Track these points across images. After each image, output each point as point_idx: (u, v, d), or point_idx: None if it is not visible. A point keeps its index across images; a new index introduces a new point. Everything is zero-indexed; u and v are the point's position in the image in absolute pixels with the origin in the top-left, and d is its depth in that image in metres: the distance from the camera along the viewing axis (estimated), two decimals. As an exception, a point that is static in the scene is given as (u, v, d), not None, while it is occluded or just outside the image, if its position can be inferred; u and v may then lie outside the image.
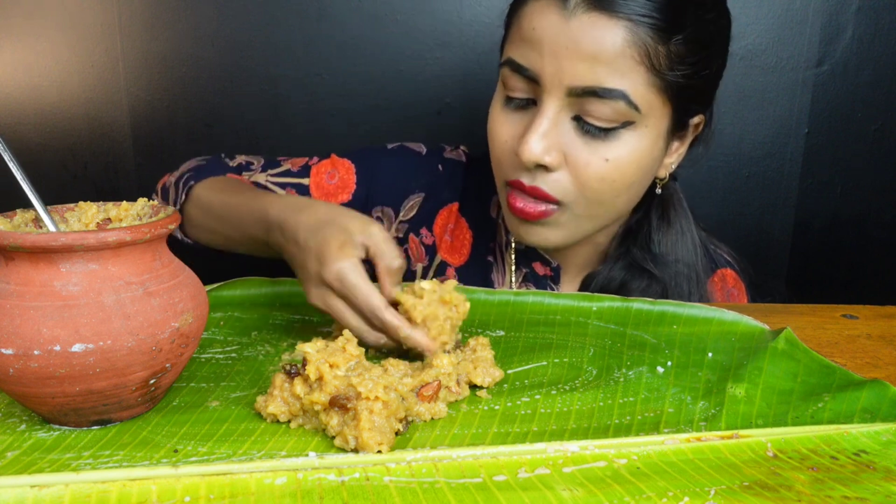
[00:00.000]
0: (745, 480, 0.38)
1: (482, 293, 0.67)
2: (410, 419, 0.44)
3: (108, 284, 0.40)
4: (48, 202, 0.45)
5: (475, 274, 0.82)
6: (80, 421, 0.42)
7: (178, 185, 0.76)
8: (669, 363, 0.53)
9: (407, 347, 0.53)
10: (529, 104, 0.67)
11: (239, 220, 0.67)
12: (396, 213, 0.84)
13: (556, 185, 0.66)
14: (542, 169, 0.65)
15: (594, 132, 0.64)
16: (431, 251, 0.84)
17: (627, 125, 0.63)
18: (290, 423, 0.43)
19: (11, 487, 0.36)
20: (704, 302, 0.71)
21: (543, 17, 0.62)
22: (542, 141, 0.64)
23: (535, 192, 0.66)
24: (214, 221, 0.72)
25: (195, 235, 0.76)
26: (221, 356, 0.54)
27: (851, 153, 1.24)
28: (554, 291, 0.75)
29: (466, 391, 0.48)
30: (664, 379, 0.51)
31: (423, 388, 0.45)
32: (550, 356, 0.54)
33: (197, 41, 1.16)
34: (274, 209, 0.61)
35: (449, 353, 0.49)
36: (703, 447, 0.42)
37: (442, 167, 0.85)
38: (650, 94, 0.63)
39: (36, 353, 0.38)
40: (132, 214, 0.46)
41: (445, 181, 0.85)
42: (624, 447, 0.41)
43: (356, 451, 0.40)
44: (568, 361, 0.53)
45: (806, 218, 1.28)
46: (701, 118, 0.71)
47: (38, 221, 0.45)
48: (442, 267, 0.83)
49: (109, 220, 0.46)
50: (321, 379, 0.42)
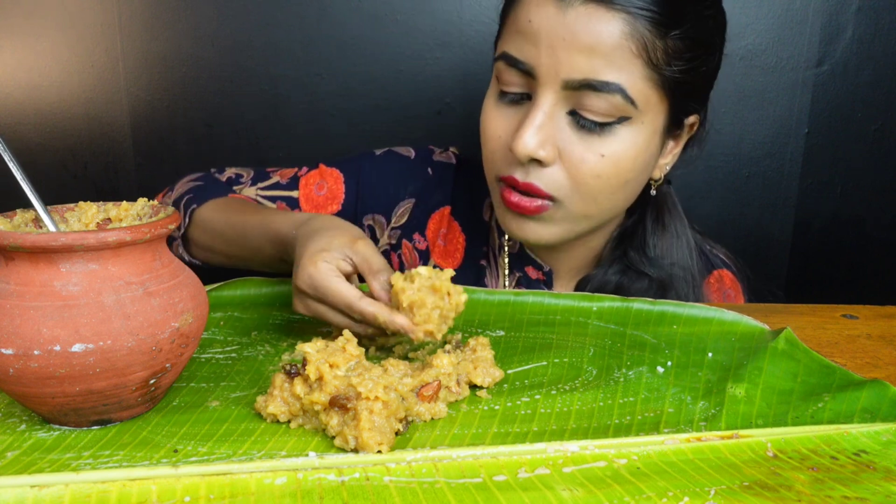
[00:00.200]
0: (745, 480, 0.38)
1: (482, 293, 0.67)
2: (410, 419, 0.44)
3: (108, 284, 0.40)
4: (48, 202, 0.45)
5: (468, 278, 0.81)
6: (80, 421, 0.42)
7: (177, 207, 0.76)
8: (669, 363, 0.53)
9: (391, 332, 0.53)
10: (524, 99, 0.66)
11: (250, 241, 0.68)
12: (388, 219, 0.83)
13: (550, 180, 0.65)
14: (535, 164, 0.65)
15: (590, 127, 0.63)
16: (425, 256, 0.83)
17: (624, 121, 0.63)
18: (290, 423, 0.43)
19: (11, 487, 0.36)
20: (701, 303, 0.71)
21: (540, 8, 0.62)
22: (536, 134, 0.63)
23: (528, 188, 0.65)
24: (223, 244, 0.72)
25: (202, 256, 0.76)
26: (221, 356, 0.54)
27: (851, 153, 1.24)
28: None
29: (466, 391, 0.48)
30: (664, 379, 0.51)
31: (423, 388, 0.45)
32: (550, 356, 0.54)
33: (197, 41, 1.16)
34: (283, 228, 0.63)
35: (448, 353, 0.49)
36: (703, 447, 0.42)
37: (432, 171, 0.85)
38: (647, 88, 0.62)
39: (36, 353, 0.38)
40: (132, 214, 0.46)
41: (436, 185, 0.84)
42: (624, 447, 0.42)
43: (356, 451, 0.40)
44: (568, 361, 0.53)
45: (806, 218, 1.28)
46: (696, 118, 0.70)
47: (38, 221, 0.45)
48: None
49: (109, 220, 0.46)
50: (321, 379, 0.42)
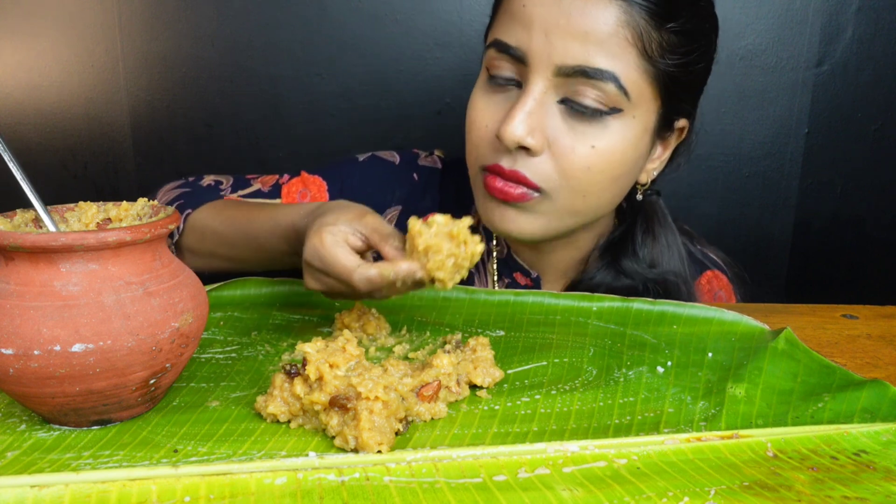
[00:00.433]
0: (745, 480, 0.38)
1: (482, 293, 0.66)
2: (410, 419, 0.44)
3: (108, 284, 0.40)
4: (48, 202, 0.45)
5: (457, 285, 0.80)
6: (80, 421, 0.42)
7: None
8: (669, 363, 0.53)
9: (402, 282, 0.53)
10: (513, 88, 0.64)
11: (257, 239, 0.67)
12: None
13: (537, 170, 0.63)
14: (523, 153, 0.63)
15: (581, 116, 0.61)
16: None
17: (616, 112, 0.62)
18: (290, 423, 0.43)
19: (11, 487, 0.36)
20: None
21: None
22: (526, 121, 0.61)
23: (514, 176, 0.63)
24: (225, 246, 0.71)
25: (196, 265, 0.74)
26: (221, 356, 0.54)
27: (851, 153, 1.24)
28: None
29: (466, 391, 0.48)
30: (664, 379, 0.51)
31: (423, 388, 0.45)
32: (550, 356, 0.54)
33: (197, 41, 1.16)
34: (295, 219, 0.63)
35: (448, 353, 0.49)
36: (703, 447, 0.42)
37: (417, 176, 0.83)
38: (641, 81, 0.62)
39: (36, 353, 0.38)
40: (132, 214, 0.46)
41: (422, 190, 0.82)
42: (624, 447, 0.41)
43: (356, 451, 0.40)
44: (568, 361, 0.53)
45: (806, 218, 1.28)
46: (685, 123, 0.70)
47: (38, 221, 0.45)
48: None
49: (109, 220, 0.46)
50: (321, 379, 0.42)
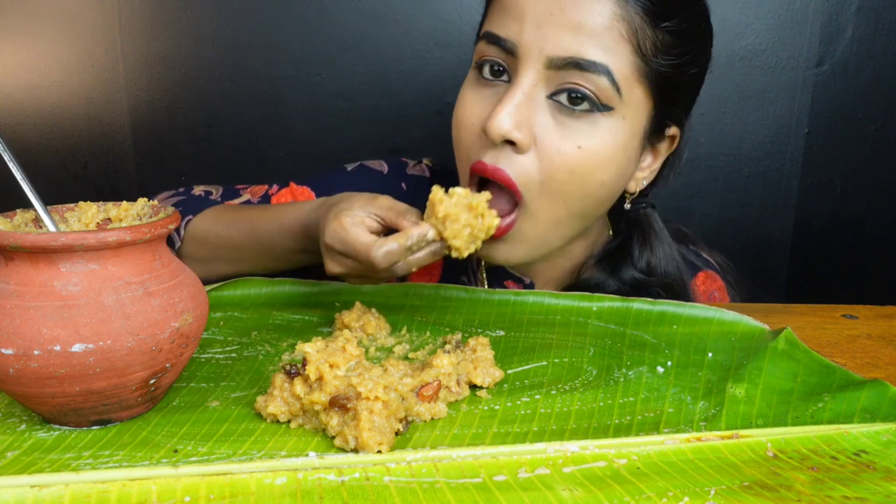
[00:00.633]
0: (745, 480, 0.38)
1: (482, 293, 0.67)
2: (410, 419, 0.44)
3: (108, 284, 0.40)
4: (48, 202, 0.45)
5: None
6: (80, 421, 0.42)
7: None
8: (669, 363, 0.53)
9: (417, 246, 0.56)
10: (502, 84, 0.63)
11: (262, 240, 0.67)
12: None
13: (521, 169, 0.61)
14: (509, 149, 0.61)
15: (570, 112, 0.60)
16: (401, 280, 0.80)
17: (606, 110, 0.60)
18: (290, 423, 0.43)
19: (11, 487, 0.36)
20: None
21: None
22: (514, 114, 0.59)
23: (496, 175, 0.61)
24: (229, 251, 0.70)
25: (195, 271, 0.73)
26: (221, 356, 0.54)
27: (851, 153, 1.24)
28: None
29: (466, 391, 0.48)
30: (664, 379, 0.51)
31: (423, 388, 0.45)
32: (550, 356, 0.54)
33: (197, 41, 1.16)
34: (302, 216, 0.64)
35: (448, 353, 0.49)
36: (703, 447, 0.42)
37: (406, 185, 0.82)
38: (633, 78, 0.60)
39: (36, 353, 0.38)
40: (132, 214, 0.46)
41: (410, 200, 0.80)
42: (624, 447, 0.41)
43: (356, 451, 0.40)
44: (568, 361, 0.53)
45: (806, 218, 1.28)
46: (676, 131, 0.68)
47: (38, 221, 0.45)
48: None
49: (109, 220, 0.46)
50: (321, 379, 0.42)
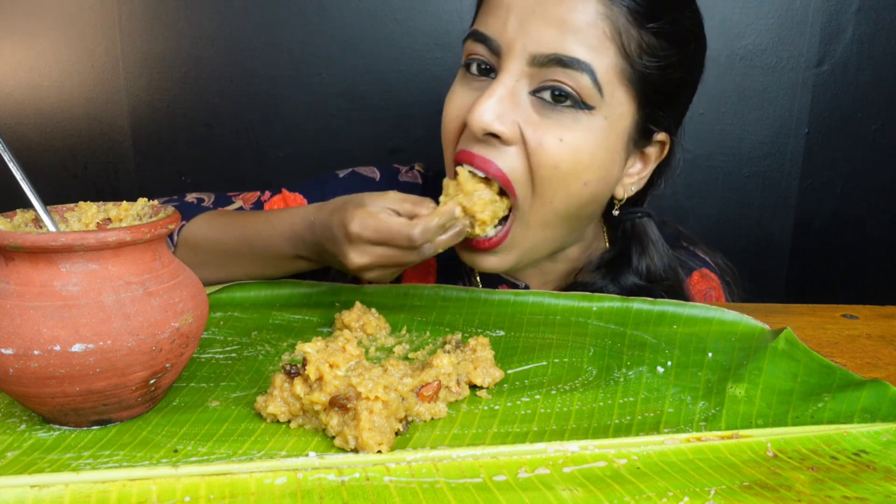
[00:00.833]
0: (745, 480, 0.38)
1: (482, 293, 0.67)
2: (410, 419, 0.44)
3: (108, 284, 0.40)
4: (48, 202, 0.45)
5: None
6: (80, 421, 0.42)
7: None
8: (669, 363, 0.53)
9: (448, 229, 0.59)
10: (488, 80, 0.63)
11: (255, 246, 0.67)
12: None
13: (509, 162, 0.61)
14: (495, 142, 0.61)
15: (552, 108, 0.60)
16: (397, 282, 0.81)
17: (588, 109, 0.60)
18: (290, 423, 0.43)
19: (11, 487, 0.36)
20: None
21: None
22: (496, 106, 0.59)
23: (487, 168, 0.61)
24: (221, 257, 0.70)
25: None
26: (221, 356, 0.54)
27: (851, 153, 1.24)
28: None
29: (466, 391, 0.48)
30: (664, 379, 0.51)
31: (423, 388, 0.45)
32: (550, 356, 0.54)
33: (197, 41, 1.16)
34: (297, 219, 0.65)
35: (448, 353, 0.49)
36: (703, 447, 0.42)
37: None
38: (616, 79, 0.60)
39: (36, 353, 0.38)
40: (132, 214, 0.46)
41: None
42: (624, 447, 0.41)
43: (356, 451, 0.40)
44: (568, 361, 0.53)
45: (806, 218, 1.28)
46: (665, 137, 0.67)
47: (38, 221, 0.45)
48: None
49: (109, 220, 0.46)
50: (321, 379, 0.42)
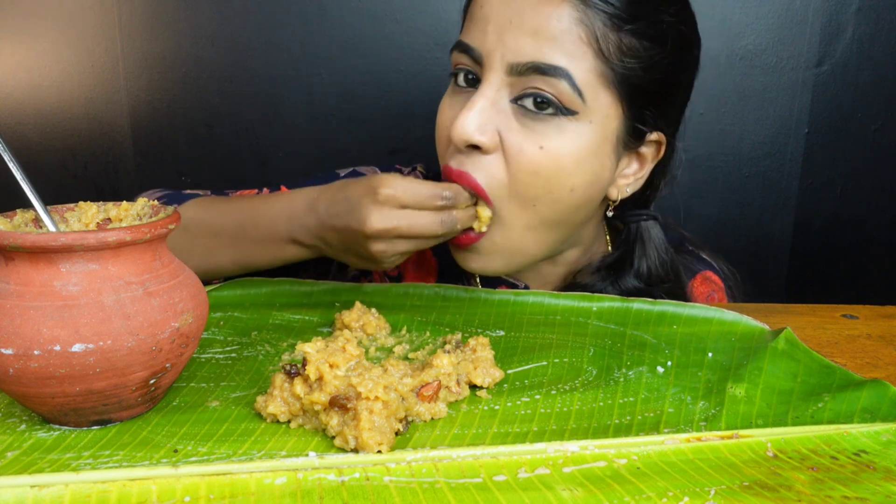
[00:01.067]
0: (745, 480, 0.38)
1: (482, 293, 0.67)
2: (410, 419, 0.44)
3: (108, 284, 0.40)
4: (48, 202, 0.45)
5: None
6: (80, 421, 0.42)
7: None
8: (669, 363, 0.53)
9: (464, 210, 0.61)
10: (474, 90, 0.63)
11: (247, 227, 0.67)
12: None
13: (487, 172, 0.61)
14: (475, 153, 0.61)
15: (534, 115, 0.60)
16: (397, 282, 0.81)
17: (570, 115, 0.60)
18: (290, 423, 0.43)
19: (11, 487, 0.36)
20: None
21: None
22: (476, 117, 0.60)
23: (462, 179, 0.62)
24: (205, 239, 0.69)
25: None
26: (221, 356, 0.54)
27: (851, 153, 1.24)
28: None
29: (466, 391, 0.48)
30: (664, 379, 0.51)
31: (423, 388, 0.45)
32: (550, 356, 0.54)
33: (197, 41, 1.16)
34: (298, 197, 0.64)
35: (448, 353, 0.49)
36: (703, 447, 0.42)
37: None
38: (597, 83, 0.60)
39: (36, 353, 0.38)
40: (132, 214, 0.46)
41: None
42: (624, 447, 0.41)
43: (356, 451, 0.40)
44: (568, 361, 0.53)
45: (806, 218, 1.28)
46: (659, 137, 0.66)
47: (38, 221, 0.45)
48: None
49: (109, 220, 0.46)
50: (321, 379, 0.42)
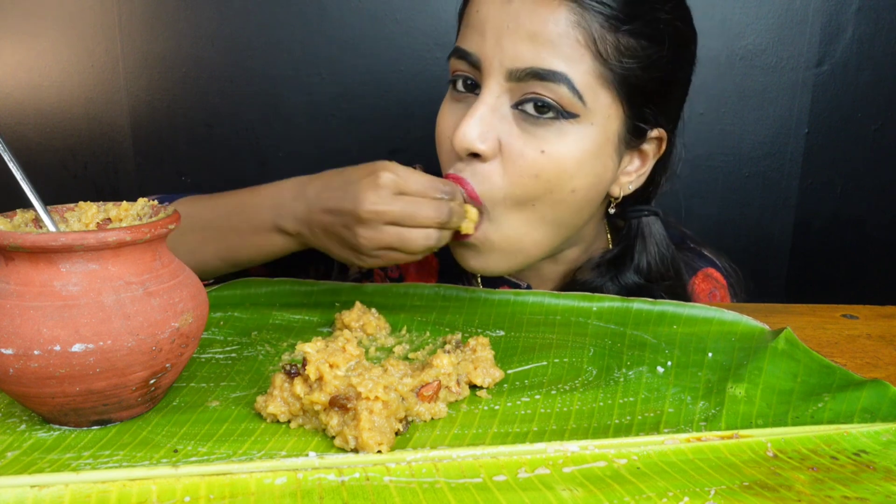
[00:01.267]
0: (745, 480, 0.38)
1: (482, 293, 0.67)
2: (410, 419, 0.44)
3: (108, 284, 0.40)
4: (48, 202, 0.45)
5: None
6: (80, 421, 0.42)
7: None
8: (669, 363, 0.53)
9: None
10: (474, 95, 0.63)
11: (234, 220, 0.66)
12: None
13: (482, 178, 0.61)
14: (475, 161, 0.61)
15: (535, 120, 0.60)
16: (397, 282, 0.80)
17: (570, 117, 0.60)
18: (290, 423, 0.43)
19: (11, 487, 0.36)
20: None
21: None
22: (478, 126, 0.59)
23: (459, 184, 0.61)
24: (191, 234, 0.68)
25: None
26: (221, 356, 0.54)
27: (851, 153, 1.24)
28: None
29: (466, 391, 0.48)
30: (664, 379, 0.51)
31: (423, 388, 0.45)
32: (550, 356, 0.54)
33: (197, 41, 1.16)
34: (291, 185, 0.63)
35: (448, 353, 0.49)
36: (703, 447, 0.42)
37: None
38: (597, 85, 0.60)
39: (36, 353, 0.38)
40: (132, 214, 0.46)
41: None
42: (624, 447, 0.41)
43: (356, 451, 0.40)
44: (568, 361, 0.53)
45: (806, 218, 1.28)
46: (661, 133, 0.66)
47: (38, 221, 0.45)
48: None
49: (109, 220, 0.46)
50: (321, 379, 0.42)
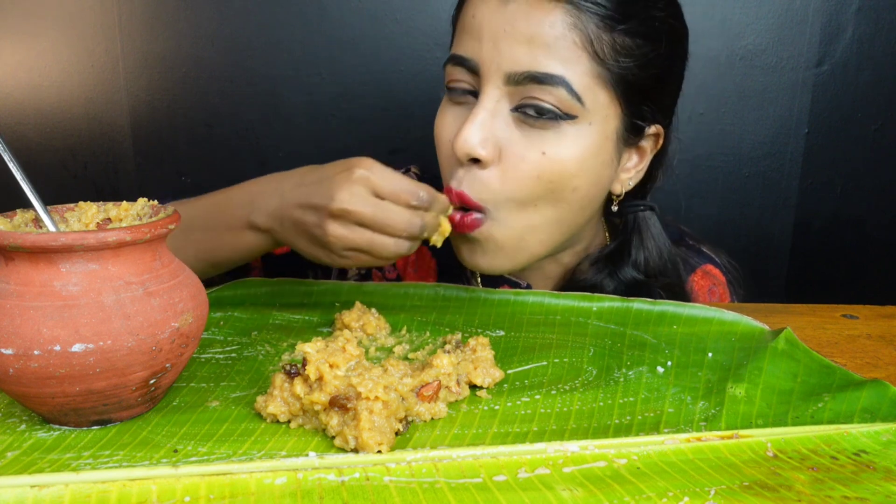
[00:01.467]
0: (745, 480, 0.38)
1: (482, 293, 0.67)
2: (410, 419, 0.44)
3: (108, 284, 0.40)
4: (48, 202, 0.45)
5: None
6: (80, 421, 0.42)
7: None
8: (669, 363, 0.53)
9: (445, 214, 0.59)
10: (472, 101, 0.63)
11: (211, 212, 0.65)
12: None
13: (483, 186, 0.61)
14: (475, 167, 0.61)
15: (534, 122, 0.60)
16: (397, 281, 0.79)
17: (570, 119, 0.60)
18: (290, 423, 0.43)
19: (11, 487, 0.36)
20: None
21: (483, 3, 0.61)
22: (478, 131, 0.60)
23: (460, 198, 0.62)
24: (182, 234, 0.67)
25: None
26: (221, 356, 0.54)
27: (851, 153, 1.24)
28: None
29: (466, 391, 0.48)
30: (664, 379, 0.51)
31: (423, 388, 0.45)
32: (550, 356, 0.54)
33: (197, 41, 1.16)
34: (266, 181, 0.62)
35: (448, 353, 0.49)
36: (703, 447, 0.42)
37: None
38: (595, 86, 0.60)
39: (36, 353, 0.38)
40: (132, 214, 0.46)
41: None
42: (624, 447, 0.42)
43: (356, 451, 0.40)
44: (568, 361, 0.53)
45: (806, 218, 1.28)
46: (658, 129, 0.67)
47: (38, 221, 0.45)
48: None
49: (109, 220, 0.46)
50: (321, 379, 0.42)
